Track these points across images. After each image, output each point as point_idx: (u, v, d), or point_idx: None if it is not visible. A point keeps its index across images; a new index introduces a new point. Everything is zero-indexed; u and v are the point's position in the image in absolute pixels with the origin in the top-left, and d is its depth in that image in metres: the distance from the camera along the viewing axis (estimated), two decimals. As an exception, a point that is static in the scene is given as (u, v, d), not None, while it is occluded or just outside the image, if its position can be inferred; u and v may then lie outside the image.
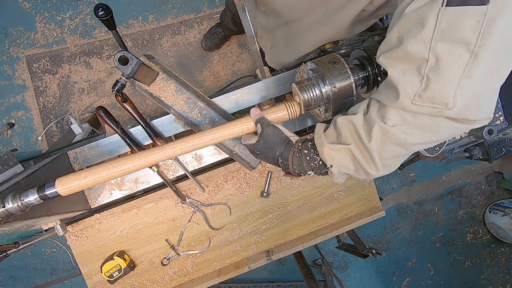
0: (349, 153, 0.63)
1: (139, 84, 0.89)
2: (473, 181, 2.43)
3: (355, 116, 0.64)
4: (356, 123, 0.63)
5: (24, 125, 1.94)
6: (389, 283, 2.41)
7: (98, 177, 0.67)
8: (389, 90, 0.58)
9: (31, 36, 1.90)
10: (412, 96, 0.53)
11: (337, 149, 0.64)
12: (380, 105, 0.61)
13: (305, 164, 0.70)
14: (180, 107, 0.93)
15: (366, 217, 1.12)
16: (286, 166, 0.72)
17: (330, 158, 0.65)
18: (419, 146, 0.60)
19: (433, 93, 0.51)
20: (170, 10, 1.97)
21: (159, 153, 0.71)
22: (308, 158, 0.69)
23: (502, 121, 0.80)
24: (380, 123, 0.58)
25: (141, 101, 1.97)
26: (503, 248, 2.46)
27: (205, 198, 1.08)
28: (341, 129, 0.65)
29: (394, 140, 0.58)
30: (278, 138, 0.71)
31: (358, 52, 0.81)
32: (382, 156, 0.61)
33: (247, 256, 1.12)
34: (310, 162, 0.69)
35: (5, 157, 0.82)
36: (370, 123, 0.60)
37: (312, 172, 0.70)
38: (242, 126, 0.74)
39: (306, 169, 0.70)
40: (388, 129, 0.57)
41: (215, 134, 0.73)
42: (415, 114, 0.55)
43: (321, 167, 0.69)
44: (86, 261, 1.06)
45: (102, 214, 1.04)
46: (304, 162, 0.69)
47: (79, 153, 0.97)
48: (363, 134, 0.61)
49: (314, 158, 0.69)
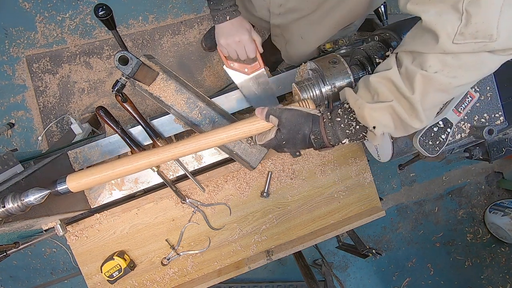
0: (390, 110, 0.61)
1: (139, 84, 0.89)
2: (473, 181, 2.43)
3: (390, 71, 0.61)
4: (394, 78, 0.60)
5: (24, 125, 1.94)
6: (389, 283, 2.41)
7: (110, 174, 0.69)
8: (425, 37, 0.57)
9: (31, 36, 1.90)
10: (452, 35, 0.52)
11: (378, 108, 0.61)
12: (415, 54, 0.59)
13: (340, 133, 0.67)
14: (180, 107, 0.93)
15: (366, 217, 1.12)
16: (320, 141, 0.69)
17: (372, 119, 0.62)
18: (462, 88, 0.60)
19: (476, 27, 0.50)
20: (170, 10, 1.97)
21: (168, 151, 0.71)
22: (342, 125, 0.66)
23: (502, 121, 0.80)
24: (421, 72, 0.56)
25: (141, 101, 1.97)
26: (503, 248, 2.46)
27: (205, 198, 1.08)
28: (377, 87, 0.62)
29: (438, 86, 0.56)
30: (301, 117, 0.68)
31: (358, 52, 0.81)
32: (425, 107, 0.59)
33: (247, 256, 1.12)
34: (345, 129, 0.67)
35: (5, 157, 0.82)
36: (410, 74, 0.58)
37: (347, 139, 0.68)
38: (251, 125, 0.72)
39: (340, 137, 0.67)
40: (432, 76, 0.56)
41: (229, 131, 0.71)
42: (457, 55, 0.54)
43: (357, 132, 0.66)
44: (86, 261, 1.06)
45: (102, 214, 1.04)
46: (339, 131, 0.67)
47: (79, 153, 0.97)
48: (404, 87, 0.59)
49: (349, 124, 0.66)
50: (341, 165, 1.14)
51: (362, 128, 0.66)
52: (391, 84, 0.61)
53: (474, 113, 0.78)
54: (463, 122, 0.78)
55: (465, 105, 0.75)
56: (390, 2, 2.17)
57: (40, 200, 0.62)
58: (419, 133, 0.72)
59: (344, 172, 1.14)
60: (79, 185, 0.69)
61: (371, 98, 0.64)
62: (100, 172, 0.69)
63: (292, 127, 0.68)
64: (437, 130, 0.73)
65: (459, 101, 0.74)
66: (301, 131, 0.68)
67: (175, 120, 0.99)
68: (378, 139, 0.65)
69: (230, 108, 1.02)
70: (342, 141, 0.68)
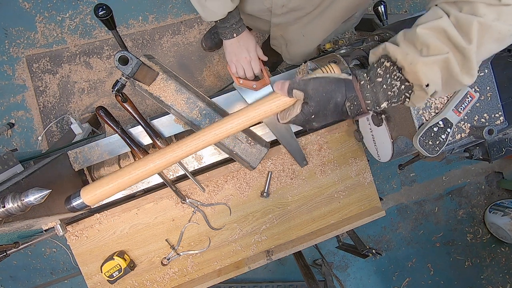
0: (444, 65, 0.55)
1: (139, 84, 0.89)
2: (473, 181, 2.43)
3: (440, 20, 0.55)
4: (448, 28, 0.54)
5: (24, 125, 1.94)
6: (389, 283, 2.41)
7: (126, 180, 0.63)
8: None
9: (31, 36, 1.90)
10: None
11: (431, 62, 0.55)
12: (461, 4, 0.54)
13: (381, 95, 0.60)
14: (180, 107, 0.93)
15: (366, 217, 1.12)
16: (357, 107, 0.61)
17: (425, 76, 0.55)
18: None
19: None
20: (170, 10, 1.97)
21: (194, 140, 0.63)
22: (384, 86, 0.59)
23: (502, 121, 0.80)
24: (479, 19, 0.51)
25: (141, 101, 1.97)
26: (503, 248, 2.46)
27: (205, 198, 1.08)
28: (427, 39, 0.55)
29: (496, 35, 0.52)
30: (331, 84, 0.61)
31: (358, 52, 0.81)
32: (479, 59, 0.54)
33: (247, 256, 1.12)
34: (387, 91, 0.60)
35: (5, 157, 0.82)
36: (464, 22, 0.53)
37: (386, 103, 0.61)
38: (271, 103, 0.64)
39: (381, 100, 0.60)
40: (490, 24, 0.51)
41: (248, 114, 0.64)
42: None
43: (401, 92, 0.59)
44: (86, 261, 1.06)
45: (102, 214, 1.04)
46: (380, 93, 0.60)
47: (79, 153, 0.97)
48: (459, 37, 0.53)
49: (392, 84, 0.59)
50: (341, 165, 1.14)
51: (406, 88, 0.59)
52: (444, 35, 0.54)
53: (474, 113, 0.78)
54: (463, 122, 0.78)
55: (465, 105, 0.75)
56: (390, 2, 2.18)
57: (40, 200, 0.62)
58: (419, 133, 0.72)
59: (344, 172, 1.14)
60: (95, 198, 0.63)
61: (419, 52, 0.57)
62: (115, 180, 0.63)
63: (322, 98, 0.61)
64: (437, 130, 0.73)
65: (459, 101, 0.74)
66: (332, 100, 0.61)
67: (175, 120, 0.99)
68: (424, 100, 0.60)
69: (230, 108, 1.02)
70: (381, 105, 0.61)
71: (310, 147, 1.11)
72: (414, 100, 0.60)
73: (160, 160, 0.63)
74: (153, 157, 0.64)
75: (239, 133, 0.96)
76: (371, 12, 1.14)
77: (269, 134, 1.03)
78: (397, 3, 2.19)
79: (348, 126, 1.12)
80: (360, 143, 1.10)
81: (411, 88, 0.59)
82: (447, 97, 0.76)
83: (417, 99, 0.60)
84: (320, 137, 1.11)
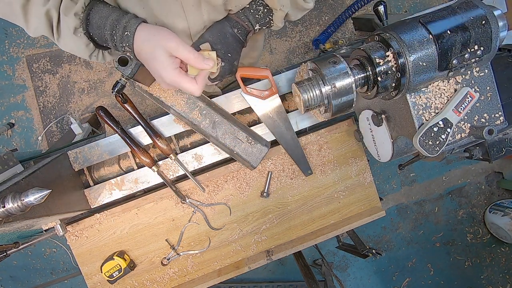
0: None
1: (139, 84, 0.89)
2: (473, 181, 2.43)
3: None
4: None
5: (24, 125, 1.94)
6: (389, 283, 2.41)
7: None
8: None
9: (31, 36, 1.90)
10: None
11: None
12: None
13: (251, 18, 0.76)
14: (180, 108, 0.93)
15: (366, 217, 1.12)
16: (242, 29, 0.78)
17: (278, 1, 0.72)
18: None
19: None
20: (170, 10, 1.97)
21: None
22: (252, 11, 0.75)
23: (502, 121, 0.80)
24: None
25: (141, 101, 1.97)
26: (503, 248, 2.46)
27: (205, 198, 1.08)
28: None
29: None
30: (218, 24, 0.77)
31: (358, 52, 0.81)
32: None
33: (247, 256, 1.12)
34: (255, 14, 0.76)
35: (5, 157, 0.82)
36: None
37: (258, 24, 0.78)
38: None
39: (253, 22, 0.77)
40: None
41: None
42: None
43: (265, 15, 0.76)
44: (86, 261, 1.06)
45: (102, 214, 1.04)
46: (250, 16, 0.76)
47: (79, 153, 0.97)
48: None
49: (258, 9, 0.75)
50: (341, 165, 1.14)
51: (268, 11, 0.76)
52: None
53: (474, 113, 0.78)
54: (463, 122, 0.78)
55: (465, 105, 0.75)
56: (390, 2, 2.18)
57: (40, 200, 0.62)
58: (419, 133, 0.72)
59: (344, 172, 1.14)
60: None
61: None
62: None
63: (220, 35, 0.76)
64: (437, 130, 0.73)
65: (459, 101, 0.74)
66: (226, 33, 0.76)
67: (175, 120, 0.99)
68: (282, 19, 0.78)
69: (230, 108, 1.02)
70: (255, 27, 0.78)
71: (310, 147, 1.11)
72: (276, 20, 0.78)
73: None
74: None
75: (239, 133, 0.96)
76: (371, 12, 1.14)
77: (269, 134, 1.03)
78: (397, 3, 2.19)
79: (348, 126, 1.12)
80: (360, 143, 1.10)
81: (272, 12, 0.76)
82: (447, 97, 0.76)
83: (277, 19, 0.78)
84: (320, 137, 1.11)
